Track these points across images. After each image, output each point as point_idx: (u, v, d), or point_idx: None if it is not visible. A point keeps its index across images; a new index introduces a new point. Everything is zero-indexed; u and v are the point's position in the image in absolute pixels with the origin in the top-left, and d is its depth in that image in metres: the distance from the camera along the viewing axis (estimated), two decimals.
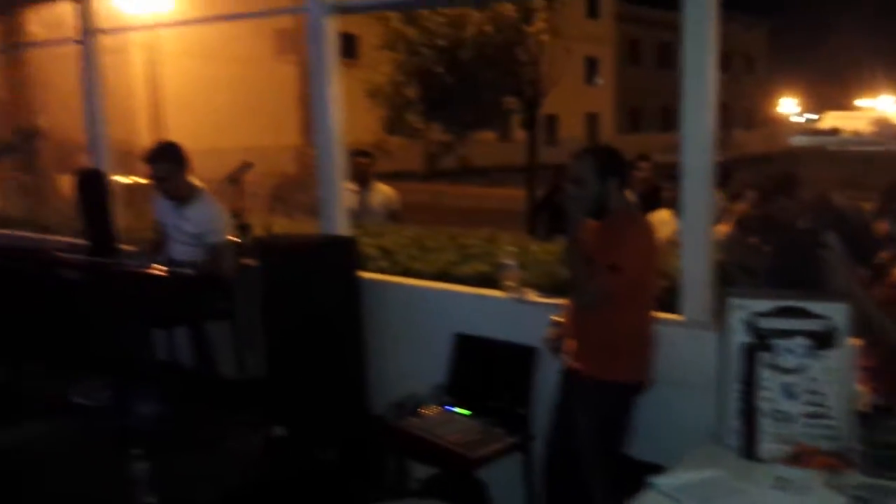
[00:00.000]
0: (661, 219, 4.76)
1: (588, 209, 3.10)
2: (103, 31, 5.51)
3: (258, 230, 4.69)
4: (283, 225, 5.43)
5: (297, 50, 14.91)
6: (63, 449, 4.19)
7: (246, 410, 4.41)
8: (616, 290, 2.98)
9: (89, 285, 4.51)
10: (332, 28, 4.28)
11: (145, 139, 12.41)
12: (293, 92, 17.86)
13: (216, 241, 4.49)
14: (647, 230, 3.18)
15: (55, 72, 7.85)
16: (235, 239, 4.52)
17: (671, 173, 4.21)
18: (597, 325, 3.08)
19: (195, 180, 4.59)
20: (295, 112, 19.50)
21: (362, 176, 5.73)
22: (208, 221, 4.50)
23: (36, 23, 6.90)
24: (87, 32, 5.45)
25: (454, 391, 3.87)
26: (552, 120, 28.71)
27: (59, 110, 8.20)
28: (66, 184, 7.10)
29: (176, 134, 14.52)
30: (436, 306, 4.15)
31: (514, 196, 15.49)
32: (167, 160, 4.48)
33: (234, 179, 4.47)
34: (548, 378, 3.45)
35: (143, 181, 8.38)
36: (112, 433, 4.15)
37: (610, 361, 3.06)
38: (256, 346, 4.50)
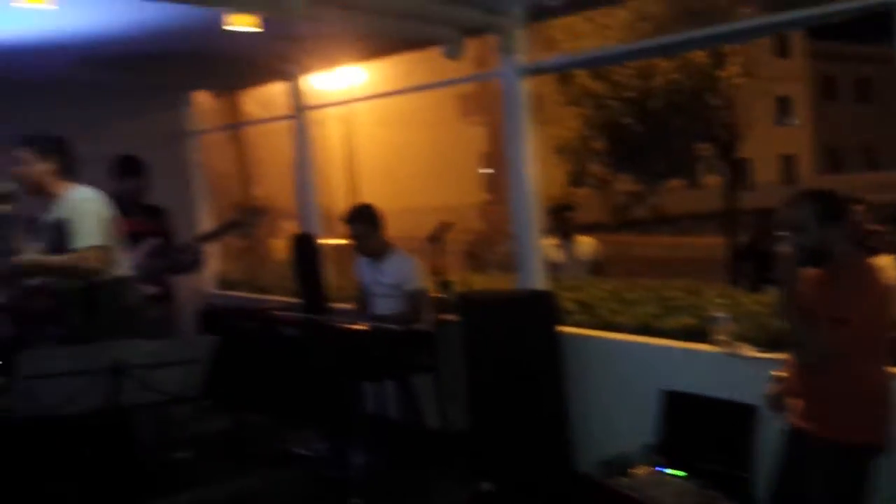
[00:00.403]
0: (882, 265, 4.39)
1: (806, 257, 2.92)
2: (311, 108, 5.99)
3: (458, 286, 4.82)
4: (480, 281, 5.55)
5: (482, 111, 15.40)
6: (286, 498, 4.46)
7: (452, 463, 4.50)
8: (843, 345, 2.76)
9: (306, 342, 4.80)
10: (524, 90, 4.39)
11: (342, 203, 13.18)
12: (477, 152, 18.40)
13: (412, 289, 4.72)
14: (877, 277, 2.94)
15: (266, 147, 8.61)
16: (438, 295, 4.68)
17: (889, 214, 3.89)
18: (826, 381, 2.87)
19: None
20: (477, 171, 20.05)
21: (565, 229, 5.79)
22: (402, 271, 4.77)
23: (251, 103, 7.61)
24: (299, 109, 5.94)
25: (664, 451, 3.72)
26: (746, 164, 27.50)
27: (269, 181, 8.95)
28: (279, 247, 7.69)
29: (369, 196, 15.34)
30: (640, 361, 4.04)
31: (707, 244, 14.91)
32: (363, 220, 4.83)
33: (436, 238, 4.64)
34: (769, 438, 3.24)
35: (344, 242, 8.91)
36: (330, 483, 4.37)
37: (843, 421, 2.83)
38: (459, 399, 4.60)
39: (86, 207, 3.66)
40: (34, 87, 5.79)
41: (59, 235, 3.62)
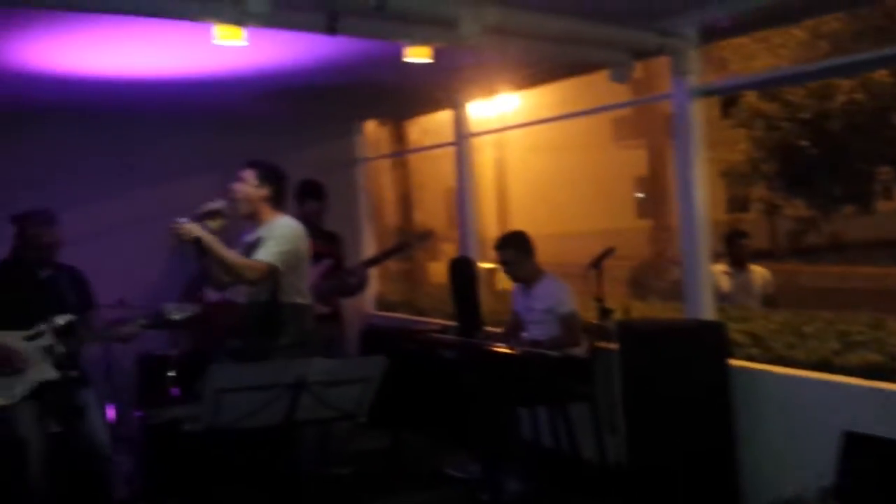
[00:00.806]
0: None
1: None
2: (474, 135, 6.11)
3: (619, 314, 4.73)
4: (641, 308, 5.41)
5: (637, 134, 15.12)
6: None
7: (608, 496, 4.40)
8: None
9: (463, 364, 4.85)
10: (696, 112, 4.28)
11: (494, 229, 13.29)
12: (631, 176, 18.07)
13: (565, 312, 4.69)
14: None
15: (424, 172, 8.85)
16: (597, 322, 4.60)
17: None
18: None
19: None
20: (631, 195, 19.66)
21: (739, 257, 5.59)
22: (554, 295, 4.75)
23: (413, 130, 7.85)
24: (461, 136, 6.07)
25: (843, 496, 3.45)
26: None
27: (427, 205, 9.20)
28: (436, 270, 7.85)
29: (521, 221, 15.40)
30: (818, 399, 3.79)
31: (882, 274, 13.85)
32: (513, 247, 4.88)
33: (597, 265, 4.58)
34: None
35: (495, 266, 8.98)
36: None
37: None
38: (617, 430, 4.49)
39: (283, 232, 3.86)
40: (218, 119, 6.27)
41: (249, 252, 3.86)
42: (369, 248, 7.42)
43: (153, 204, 6.16)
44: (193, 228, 3.63)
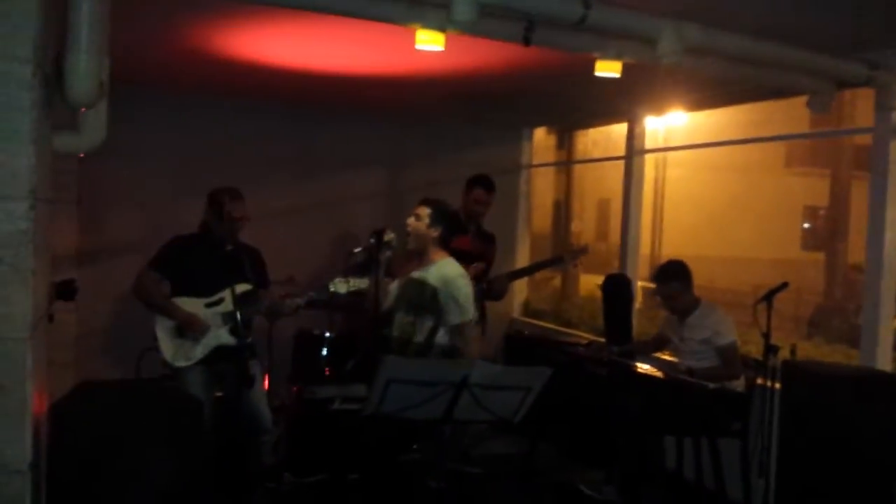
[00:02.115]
0: None
1: None
2: (646, 151, 6.00)
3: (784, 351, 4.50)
4: (806, 349, 5.14)
5: (809, 162, 14.31)
6: None
7: None
8: None
9: (612, 384, 4.77)
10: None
11: (646, 245, 12.99)
12: (799, 204, 17.11)
13: (724, 343, 4.51)
14: None
15: (581, 182, 8.77)
16: (761, 359, 4.40)
17: None
18: None
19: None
20: (797, 225, 18.59)
21: None
22: (713, 325, 4.56)
23: (581, 141, 7.80)
24: (634, 151, 5.98)
25: None
26: None
27: (580, 214, 9.10)
28: (588, 282, 7.77)
29: (676, 240, 14.95)
30: None
31: None
32: (675, 279, 4.68)
33: (768, 299, 4.37)
34: None
35: (652, 286, 8.77)
36: None
37: None
38: (767, 472, 4.29)
39: (457, 284, 3.98)
40: (398, 114, 6.48)
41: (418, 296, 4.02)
42: (523, 255, 7.45)
43: (327, 190, 6.48)
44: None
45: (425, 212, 4.05)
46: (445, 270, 4.00)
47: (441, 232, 4.06)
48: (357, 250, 4.34)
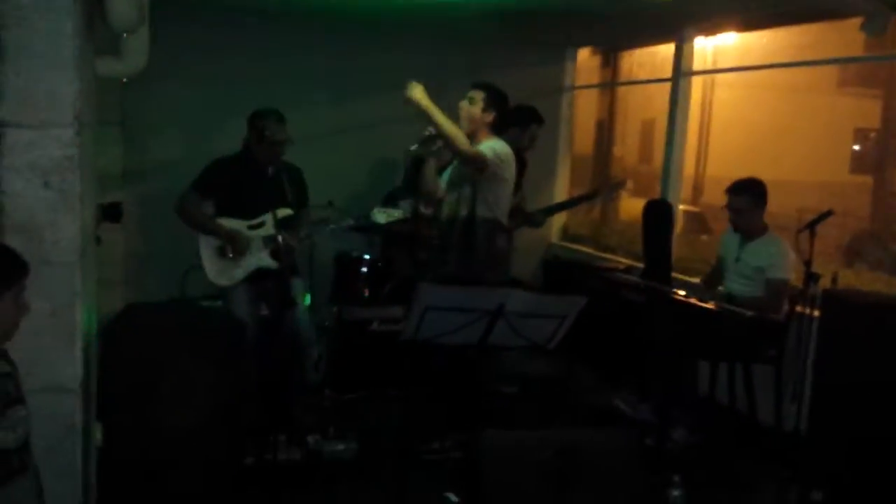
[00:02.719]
0: None
1: None
2: (694, 73, 5.83)
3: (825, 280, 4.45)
4: (849, 277, 5.07)
5: (864, 83, 13.75)
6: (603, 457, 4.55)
7: (781, 463, 4.27)
8: None
9: (649, 310, 4.79)
10: None
11: (692, 168, 12.75)
12: (850, 126, 16.54)
13: (776, 278, 4.44)
14: None
15: (625, 103, 8.58)
16: (800, 286, 4.37)
17: None
18: None
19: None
20: (847, 148, 18.05)
21: None
22: (772, 256, 4.48)
23: (626, 63, 7.60)
24: (681, 73, 5.82)
25: None
26: None
27: (622, 136, 8.95)
28: (627, 206, 7.70)
29: (717, 162, 14.63)
30: None
31: None
32: (750, 194, 4.56)
33: (811, 227, 4.30)
34: None
35: (695, 210, 8.64)
36: (648, 450, 4.38)
37: None
38: (800, 398, 4.31)
39: (496, 148, 4.02)
40: (441, 33, 6.36)
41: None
42: (563, 180, 7.39)
43: (367, 112, 6.45)
44: (419, 93, 3.80)
45: (480, 95, 4.03)
46: (495, 145, 4.05)
47: (494, 117, 4.06)
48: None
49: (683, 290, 4.69)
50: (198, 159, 4.54)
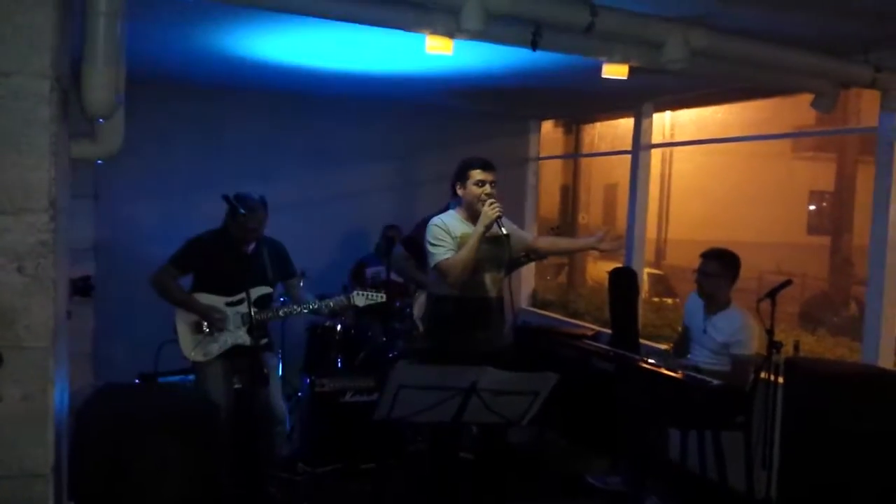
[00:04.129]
0: None
1: None
2: (653, 146, 6.03)
3: (787, 347, 4.55)
4: (809, 343, 5.19)
5: (817, 147, 14.25)
6: None
7: None
8: None
9: (618, 377, 4.82)
10: None
11: (652, 231, 12.99)
12: (805, 189, 17.05)
13: (741, 354, 4.46)
14: None
15: (587, 169, 8.80)
16: (763, 354, 4.46)
17: None
18: None
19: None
20: (803, 210, 18.55)
21: None
22: (736, 332, 4.49)
23: (588, 133, 7.84)
24: (640, 146, 6.01)
25: None
26: None
27: (585, 200, 9.14)
28: (596, 271, 7.84)
29: (678, 226, 14.95)
30: None
31: None
32: (723, 262, 4.60)
33: (771, 296, 4.41)
34: None
35: (657, 272, 8.79)
36: None
37: None
38: (770, 465, 4.36)
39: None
40: (408, 109, 6.52)
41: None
42: None
43: (338, 184, 6.54)
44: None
45: (495, 175, 4.03)
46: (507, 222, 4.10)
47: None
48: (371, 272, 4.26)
49: (652, 357, 4.76)
50: (170, 232, 4.58)
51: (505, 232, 3.86)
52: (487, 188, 3.94)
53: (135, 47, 3.14)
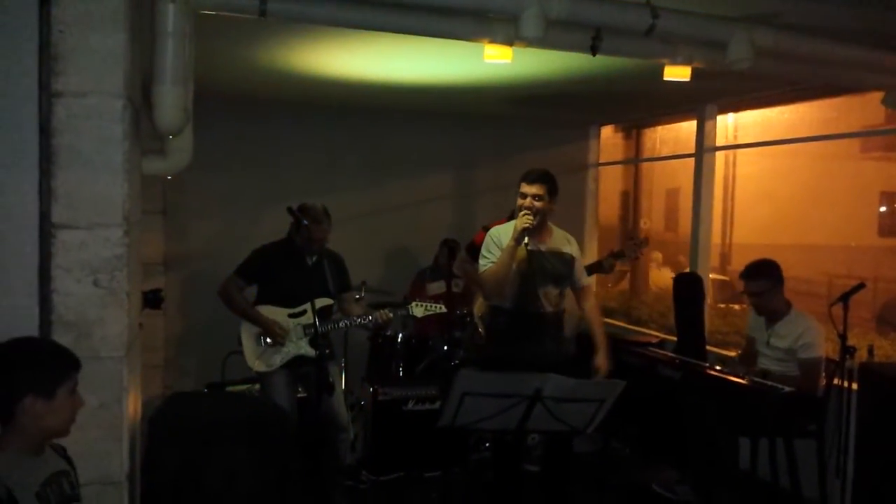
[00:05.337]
0: None
1: None
2: (717, 149, 5.92)
3: (863, 352, 4.40)
4: (885, 347, 5.02)
5: (888, 147, 13.77)
6: None
7: None
8: None
9: (685, 386, 4.74)
10: None
11: (718, 235, 12.73)
12: (876, 190, 16.51)
13: (809, 357, 4.35)
14: None
15: (649, 173, 8.67)
16: (836, 359, 4.33)
17: None
18: None
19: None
20: (873, 211, 17.96)
21: None
22: (801, 337, 4.39)
23: (649, 137, 7.74)
24: (703, 149, 5.90)
25: None
26: None
27: (655, 208, 9.00)
28: (660, 278, 7.71)
29: (744, 230, 14.59)
30: None
31: None
32: (766, 277, 4.51)
33: (844, 300, 4.28)
34: None
35: (724, 279, 8.61)
36: None
37: None
38: (844, 473, 4.22)
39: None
40: (468, 117, 6.54)
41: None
42: (591, 252, 7.44)
43: (397, 194, 6.60)
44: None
45: (544, 189, 3.96)
46: (569, 236, 4.17)
47: (555, 202, 4.06)
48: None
49: (719, 365, 4.65)
50: (237, 246, 4.66)
51: (529, 246, 3.87)
52: (528, 201, 3.91)
53: (202, 64, 3.23)
